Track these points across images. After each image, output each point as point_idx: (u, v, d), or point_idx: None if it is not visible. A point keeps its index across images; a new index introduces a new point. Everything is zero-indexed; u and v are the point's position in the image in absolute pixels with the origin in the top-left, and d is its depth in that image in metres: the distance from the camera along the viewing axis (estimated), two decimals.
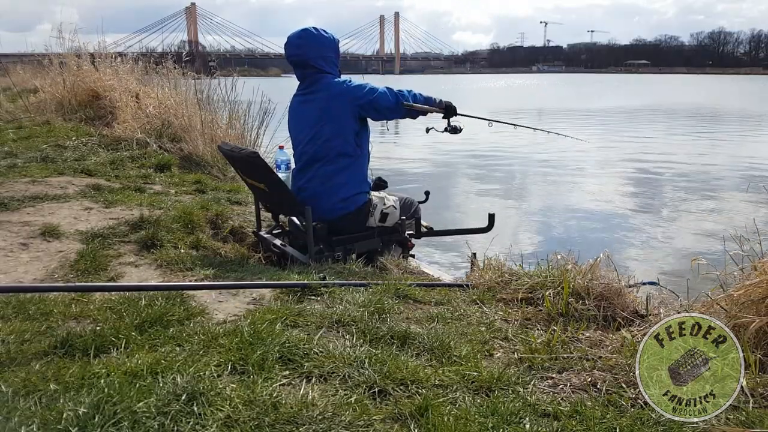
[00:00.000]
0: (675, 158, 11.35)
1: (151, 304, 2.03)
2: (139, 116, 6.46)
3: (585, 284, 2.32)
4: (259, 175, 3.08)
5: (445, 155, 11.83)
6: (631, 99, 33.79)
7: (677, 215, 7.01)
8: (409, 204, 3.44)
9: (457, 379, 1.66)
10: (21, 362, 1.62)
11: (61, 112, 7.65)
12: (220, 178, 5.16)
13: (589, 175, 9.78)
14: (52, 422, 1.30)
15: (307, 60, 3.13)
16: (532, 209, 7.34)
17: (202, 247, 3.14)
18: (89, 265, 2.60)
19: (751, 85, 60.97)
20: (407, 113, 3.20)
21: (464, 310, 2.26)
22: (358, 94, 3.08)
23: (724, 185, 8.74)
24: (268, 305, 2.18)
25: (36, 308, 1.99)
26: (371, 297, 2.24)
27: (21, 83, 11.13)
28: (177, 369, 1.56)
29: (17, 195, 3.63)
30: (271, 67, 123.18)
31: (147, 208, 3.55)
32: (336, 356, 1.72)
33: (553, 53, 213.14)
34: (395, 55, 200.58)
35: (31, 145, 5.64)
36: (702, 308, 2.08)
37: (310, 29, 3.17)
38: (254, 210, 3.50)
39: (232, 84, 6.41)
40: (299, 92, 3.26)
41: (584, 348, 1.92)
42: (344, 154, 3.11)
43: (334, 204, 3.12)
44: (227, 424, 1.36)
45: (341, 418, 1.42)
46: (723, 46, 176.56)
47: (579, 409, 1.54)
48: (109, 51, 8.64)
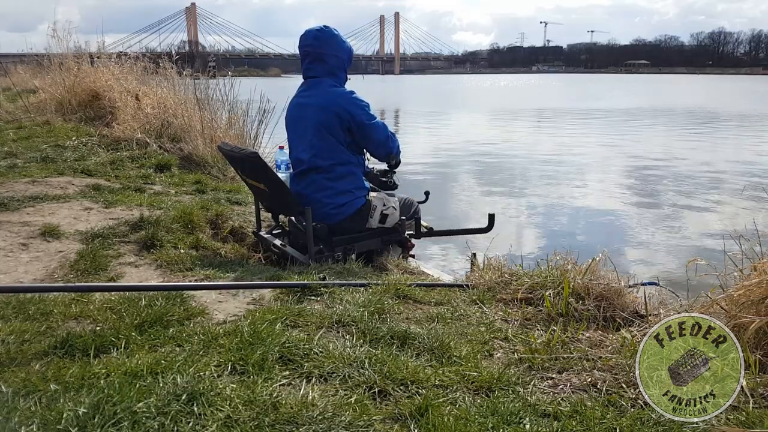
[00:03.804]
0: (675, 158, 11.36)
1: (151, 305, 2.03)
2: (138, 116, 6.46)
3: (585, 284, 2.32)
4: (259, 175, 3.07)
5: (445, 155, 11.84)
6: (631, 99, 33.80)
7: (677, 215, 7.01)
8: (408, 204, 3.44)
9: (457, 379, 1.66)
10: (21, 362, 1.62)
11: (61, 112, 7.66)
12: (220, 178, 5.16)
13: (589, 175, 9.78)
14: (52, 422, 1.30)
15: (322, 54, 3.11)
16: (532, 209, 7.34)
17: (202, 247, 3.14)
18: (89, 265, 2.60)
19: (752, 85, 61.01)
20: (387, 156, 3.22)
21: (464, 310, 2.26)
22: (355, 111, 3.06)
23: (725, 185, 8.74)
24: (268, 305, 2.18)
25: (36, 308, 1.99)
26: (371, 297, 2.24)
27: (21, 83, 11.13)
28: (177, 369, 1.56)
29: (17, 195, 3.64)
30: (271, 67, 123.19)
31: (147, 209, 3.55)
32: (336, 356, 1.72)
33: (553, 53, 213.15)
34: (395, 55, 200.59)
35: (31, 146, 5.64)
36: (702, 308, 2.08)
37: (331, 28, 3.17)
38: (254, 210, 3.50)
39: (231, 84, 6.41)
40: (298, 94, 3.25)
41: (584, 348, 1.92)
42: (339, 162, 3.11)
43: (332, 210, 3.12)
44: (227, 424, 1.36)
45: (341, 418, 1.42)
46: (723, 46, 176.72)
47: (579, 409, 1.54)
48: (109, 51, 8.65)
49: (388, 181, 3.35)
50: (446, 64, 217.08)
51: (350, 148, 3.13)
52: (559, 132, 16.65)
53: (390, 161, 3.26)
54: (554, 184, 8.86)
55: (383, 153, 3.21)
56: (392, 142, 3.19)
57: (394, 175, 3.39)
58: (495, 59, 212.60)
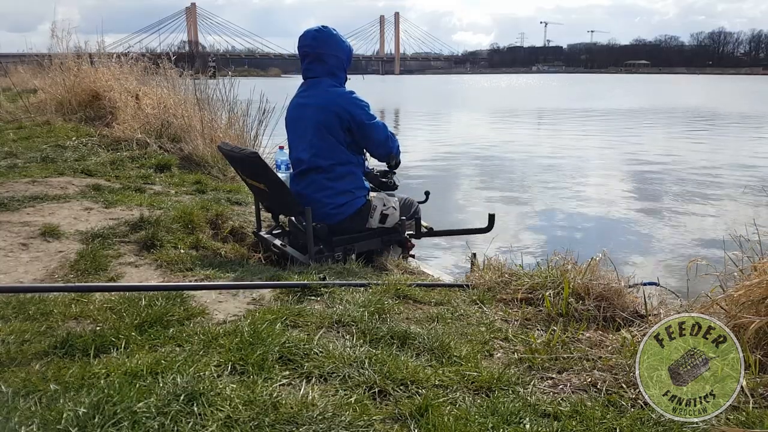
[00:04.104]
0: (675, 158, 11.35)
1: (151, 305, 2.03)
2: (139, 116, 6.46)
3: (585, 284, 2.32)
4: (259, 175, 3.07)
5: (445, 155, 11.84)
6: (631, 99, 33.80)
7: (677, 215, 7.00)
8: (408, 204, 3.44)
9: (457, 380, 1.66)
10: (21, 362, 1.62)
11: (61, 112, 7.65)
12: (220, 179, 5.16)
13: (590, 175, 9.77)
14: (52, 422, 1.30)
15: (321, 54, 3.11)
16: (532, 209, 7.34)
17: (202, 247, 3.15)
18: (89, 266, 2.60)
19: (752, 85, 61.01)
20: (387, 156, 3.22)
21: (464, 310, 2.26)
22: (354, 111, 3.07)
23: (725, 185, 8.73)
24: (268, 305, 2.18)
25: (36, 308, 1.99)
26: (371, 297, 2.24)
27: (21, 83, 11.14)
28: (177, 369, 1.56)
29: (17, 195, 3.64)
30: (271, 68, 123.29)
31: (147, 209, 3.55)
32: (336, 356, 1.72)
33: (553, 53, 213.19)
34: (395, 55, 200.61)
35: (32, 146, 5.64)
36: (702, 308, 2.08)
37: (330, 28, 3.17)
38: (254, 210, 3.50)
39: (231, 84, 6.41)
40: (298, 94, 3.25)
41: (584, 348, 1.92)
42: (339, 162, 3.11)
43: (332, 210, 3.12)
44: (227, 425, 1.36)
45: (341, 418, 1.42)
46: (723, 46, 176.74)
47: (579, 409, 1.54)
48: (109, 51, 8.65)
49: (388, 181, 3.35)
50: (446, 64, 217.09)
51: (350, 148, 3.14)
52: (559, 132, 16.65)
53: (390, 161, 3.27)
54: (554, 184, 8.86)
55: (383, 153, 3.21)
56: (392, 142, 3.20)
57: (394, 175, 3.39)
58: (495, 59, 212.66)
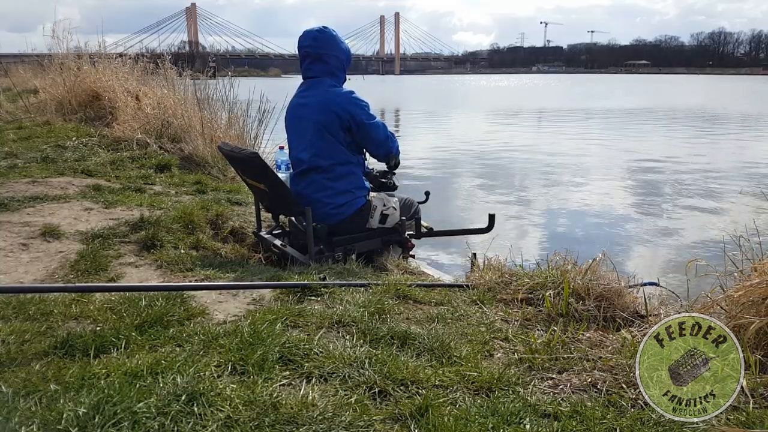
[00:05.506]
0: (675, 158, 11.36)
1: (152, 305, 2.03)
2: (139, 116, 6.46)
3: (585, 285, 2.32)
4: (259, 175, 3.08)
5: (445, 155, 11.84)
6: (631, 99, 33.78)
7: (677, 215, 7.01)
8: (409, 204, 3.44)
9: (457, 380, 1.66)
10: (21, 362, 1.62)
11: (62, 112, 7.66)
12: (220, 179, 5.15)
13: (590, 175, 9.77)
14: (52, 422, 1.30)
15: (322, 54, 3.12)
16: (532, 209, 7.34)
17: (202, 247, 3.15)
18: (89, 266, 2.60)
19: (752, 85, 60.99)
20: (386, 156, 3.22)
21: (464, 310, 2.26)
22: (354, 111, 3.07)
23: (725, 185, 8.73)
24: (268, 305, 2.18)
25: (36, 308, 1.99)
26: (371, 297, 2.24)
27: (21, 84, 11.14)
28: (177, 369, 1.56)
29: (17, 195, 3.64)
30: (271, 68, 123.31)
31: (147, 209, 3.55)
32: (336, 357, 1.72)
33: (554, 53, 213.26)
34: (395, 55, 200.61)
35: (32, 146, 5.64)
36: (702, 308, 2.08)
37: (330, 29, 3.18)
38: (254, 210, 3.50)
39: (231, 84, 6.41)
40: (298, 94, 3.26)
41: (584, 348, 1.92)
42: (339, 162, 3.11)
43: (332, 210, 3.12)
44: (227, 425, 1.36)
45: (341, 418, 1.42)
46: (723, 46, 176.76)
47: (579, 409, 1.54)
48: (109, 51, 8.64)
49: (388, 181, 3.35)
50: (446, 64, 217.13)
51: (350, 148, 3.14)
52: (559, 132, 16.65)
53: (389, 161, 3.27)
54: (554, 184, 8.86)
55: (383, 153, 3.21)
56: (392, 142, 3.20)
57: (394, 176, 3.39)
58: (495, 59, 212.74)
